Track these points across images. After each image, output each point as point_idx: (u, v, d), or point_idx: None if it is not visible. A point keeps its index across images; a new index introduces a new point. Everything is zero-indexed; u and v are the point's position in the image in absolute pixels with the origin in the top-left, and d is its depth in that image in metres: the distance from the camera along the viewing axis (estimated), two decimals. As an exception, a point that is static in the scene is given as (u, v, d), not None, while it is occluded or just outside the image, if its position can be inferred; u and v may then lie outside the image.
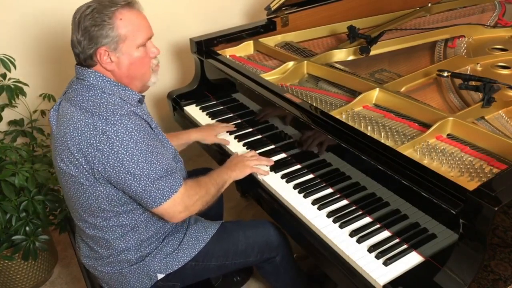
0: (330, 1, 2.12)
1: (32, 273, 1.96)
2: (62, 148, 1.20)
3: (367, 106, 1.53)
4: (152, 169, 1.18)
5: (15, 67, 1.90)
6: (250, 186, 1.54)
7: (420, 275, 1.09)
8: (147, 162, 1.18)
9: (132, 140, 1.16)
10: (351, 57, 1.88)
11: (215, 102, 1.93)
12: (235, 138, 1.70)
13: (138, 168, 1.17)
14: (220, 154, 1.70)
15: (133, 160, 1.16)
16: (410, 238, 1.17)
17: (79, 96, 1.21)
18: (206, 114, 1.87)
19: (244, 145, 1.66)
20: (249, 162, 1.49)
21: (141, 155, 1.17)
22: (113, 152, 1.14)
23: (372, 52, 1.84)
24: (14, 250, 1.75)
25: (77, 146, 1.16)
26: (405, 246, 1.17)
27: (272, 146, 1.63)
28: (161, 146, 1.26)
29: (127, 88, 1.26)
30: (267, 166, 1.52)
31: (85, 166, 1.18)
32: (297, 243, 1.41)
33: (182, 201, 1.25)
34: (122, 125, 1.15)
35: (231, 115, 1.84)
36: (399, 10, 2.21)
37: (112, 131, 1.14)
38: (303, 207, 1.34)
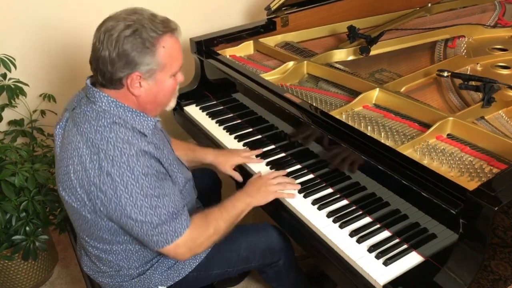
0: (330, 1, 2.12)
1: (32, 273, 1.96)
2: (64, 179, 1.15)
3: (367, 106, 1.53)
4: (156, 214, 1.12)
5: (15, 67, 1.90)
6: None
7: (420, 275, 1.09)
8: (151, 207, 1.12)
9: (137, 185, 1.09)
10: (351, 57, 1.88)
11: (215, 102, 1.93)
12: (235, 138, 1.70)
13: (140, 213, 1.11)
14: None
15: (136, 206, 1.10)
16: (410, 238, 1.17)
17: (87, 123, 1.13)
18: (206, 114, 1.87)
19: (244, 145, 1.66)
20: (273, 187, 1.37)
21: (146, 200, 1.11)
22: (116, 195, 1.09)
23: (372, 52, 1.84)
24: (14, 250, 1.75)
25: (80, 181, 1.12)
26: (405, 246, 1.17)
27: (272, 146, 1.63)
28: (170, 185, 1.19)
29: (142, 114, 1.18)
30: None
31: (87, 202, 1.14)
32: (297, 243, 1.41)
33: (185, 245, 1.19)
34: (128, 168, 1.08)
35: (231, 115, 1.84)
36: (399, 10, 2.21)
37: (118, 174, 1.08)
38: (303, 207, 1.34)
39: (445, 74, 1.60)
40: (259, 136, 1.69)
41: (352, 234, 1.22)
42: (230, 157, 1.56)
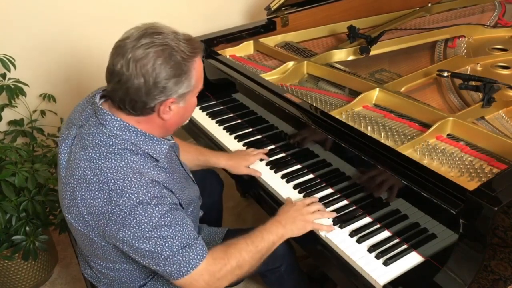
0: (330, 1, 2.12)
1: (32, 273, 1.96)
2: (71, 204, 1.10)
3: (367, 106, 1.53)
4: (167, 244, 1.06)
5: (15, 67, 1.90)
6: (251, 186, 1.54)
7: (420, 275, 1.09)
8: (161, 237, 1.06)
9: (146, 215, 1.04)
10: (351, 57, 1.88)
11: (215, 102, 1.93)
12: (235, 138, 1.70)
13: (150, 244, 1.06)
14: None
15: (145, 237, 1.05)
16: (410, 238, 1.17)
17: (96, 148, 1.07)
18: (206, 114, 1.87)
19: (244, 145, 1.66)
20: (310, 216, 1.26)
21: (155, 231, 1.05)
22: (124, 225, 1.04)
23: (372, 52, 1.84)
24: (14, 250, 1.75)
25: (88, 209, 1.07)
26: (405, 246, 1.17)
27: (272, 146, 1.63)
28: (181, 214, 1.13)
29: (155, 139, 1.13)
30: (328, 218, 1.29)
31: (95, 228, 1.10)
32: (297, 244, 1.40)
33: (202, 278, 1.10)
34: (138, 200, 1.04)
35: (231, 115, 1.84)
36: (399, 10, 2.21)
37: (127, 205, 1.03)
38: (303, 207, 1.34)
39: (445, 74, 1.60)
40: (259, 136, 1.69)
41: (352, 234, 1.22)
42: (242, 160, 1.54)
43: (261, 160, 1.56)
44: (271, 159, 1.56)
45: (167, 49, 1.04)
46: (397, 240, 1.19)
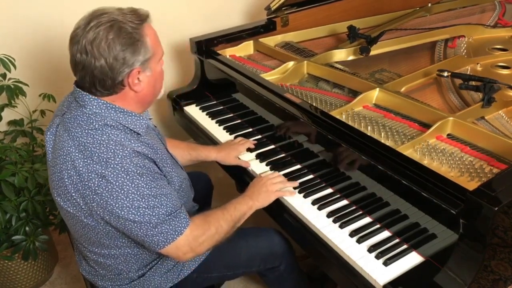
0: (330, 1, 2.12)
1: (32, 273, 1.96)
2: (59, 185, 1.14)
3: (367, 106, 1.53)
4: (154, 214, 1.11)
5: (15, 67, 1.90)
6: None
7: (420, 275, 1.09)
8: (149, 207, 1.11)
9: (133, 185, 1.09)
10: (351, 57, 1.88)
11: (215, 102, 1.93)
12: (235, 138, 1.70)
13: (138, 214, 1.10)
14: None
15: (133, 206, 1.09)
16: (410, 238, 1.17)
17: (78, 127, 1.12)
18: (206, 114, 1.87)
19: (244, 145, 1.66)
20: (273, 186, 1.38)
21: (143, 200, 1.10)
22: (112, 197, 1.08)
23: (372, 52, 1.84)
24: (14, 250, 1.75)
25: (75, 186, 1.10)
26: (405, 246, 1.17)
27: (272, 146, 1.63)
28: (166, 184, 1.19)
29: (134, 114, 1.17)
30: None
31: (83, 207, 1.13)
32: (297, 243, 1.41)
33: (187, 243, 1.17)
34: (123, 169, 1.08)
35: (231, 115, 1.84)
36: (399, 10, 2.21)
37: (112, 175, 1.07)
38: (303, 207, 1.34)
39: (445, 74, 1.60)
40: (259, 136, 1.69)
41: (352, 234, 1.22)
42: (231, 150, 1.60)
43: (249, 150, 1.60)
44: (271, 159, 1.56)
45: (115, 24, 1.09)
46: (397, 240, 1.19)
